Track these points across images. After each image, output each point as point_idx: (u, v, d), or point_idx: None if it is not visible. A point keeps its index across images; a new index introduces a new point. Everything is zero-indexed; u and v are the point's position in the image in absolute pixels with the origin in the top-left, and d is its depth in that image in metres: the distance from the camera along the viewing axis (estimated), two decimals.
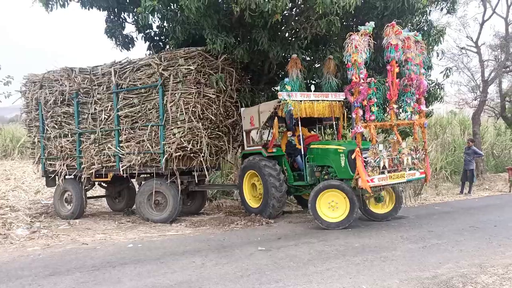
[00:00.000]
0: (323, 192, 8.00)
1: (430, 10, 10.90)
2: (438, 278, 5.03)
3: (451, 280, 4.94)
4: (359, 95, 7.47)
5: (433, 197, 12.72)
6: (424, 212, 10.06)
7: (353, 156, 7.63)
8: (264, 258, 6.12)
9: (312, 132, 10.29)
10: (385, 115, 8.97)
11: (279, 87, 8.88)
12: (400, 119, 8.35)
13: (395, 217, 9.25)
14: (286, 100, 8.43)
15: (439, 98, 11.71)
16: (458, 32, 21.67)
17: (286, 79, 8.92)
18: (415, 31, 8.32)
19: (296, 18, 10.10)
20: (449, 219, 8.95)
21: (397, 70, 7.85)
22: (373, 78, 8.01)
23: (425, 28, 10.74)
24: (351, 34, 7.30)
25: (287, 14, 10.23)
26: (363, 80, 7.47)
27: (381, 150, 7.58)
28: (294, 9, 10.34)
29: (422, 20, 10.73)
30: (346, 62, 7.50)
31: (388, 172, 7.60)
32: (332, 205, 8.01)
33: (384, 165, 7.54)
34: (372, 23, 7.55)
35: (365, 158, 7.50)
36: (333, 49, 9.69)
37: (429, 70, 11.69)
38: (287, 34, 10.55)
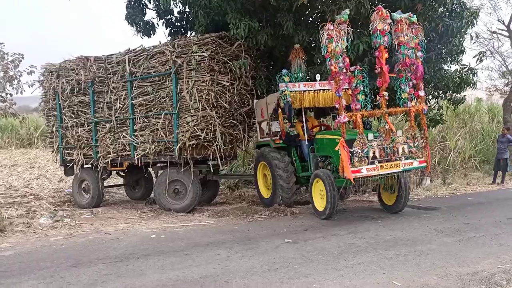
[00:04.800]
0: (313, 182, 8.04)
1: None
2: (479, 274, 4.70)
3: (494, 276, 4.61)
4: (340, 85, 7.23)
5: (463, 187, 12.21)
6: (456, 202, 9.63)
7: (336, 148, 7.29)
8: (291, 251, 5.87)
9: (317, 122, 9.91)
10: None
11: (277, 78, 8.67)
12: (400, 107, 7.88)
13: (426, 208, 8.90)
14: (284, 91, 8.27)
15: (471, 84, 11.18)
16: (488, 16, 20.79)
17: (284, 70, 8.66)
18: (410, 13, 7.79)
19: (323, 0, 9.67)
20: (484, 210, 8.53)
21: (386, 56, 7.49)
22: (357, 66, 7.69)
23: (458, 10, 10.17)
24: (324, 24, 7.07)
25: None
26: (346, 69, 7.25)
27: (370, 140, 7.28)
28: None
29: (455, 1, 10.18)
30: (323, 53, 7.30)
31: (380, 162, 7.26)
32: (322, 195, 7.93)
33: (374, 155, 7.23)
34: (347, 11, 7.27)
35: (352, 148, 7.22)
36: (361, 33, 9.25)
37: (461, 55, 11.15)
38: (312, 18, 10.13)
